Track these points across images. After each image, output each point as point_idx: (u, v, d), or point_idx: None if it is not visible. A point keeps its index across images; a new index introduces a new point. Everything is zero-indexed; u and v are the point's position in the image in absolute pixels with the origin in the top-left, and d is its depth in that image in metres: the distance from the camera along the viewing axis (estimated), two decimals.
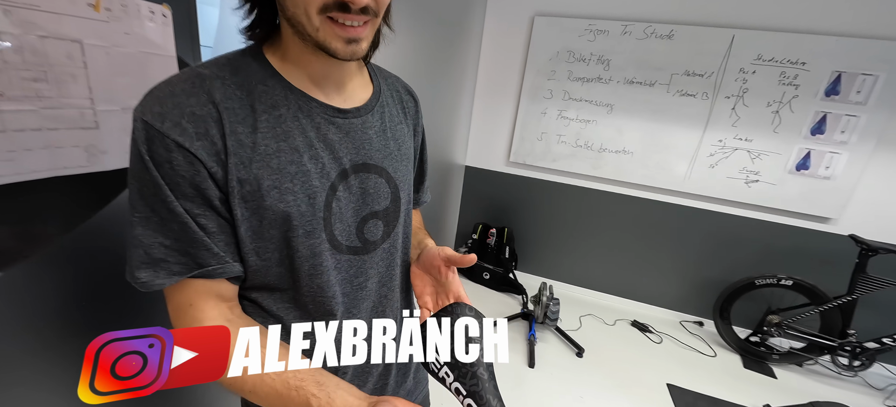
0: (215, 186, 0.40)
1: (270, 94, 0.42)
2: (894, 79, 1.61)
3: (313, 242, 0.45)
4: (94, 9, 0.57)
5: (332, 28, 0.38)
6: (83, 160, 0.59)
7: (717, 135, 1.87)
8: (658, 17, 1.82)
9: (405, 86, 0.60)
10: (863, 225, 1.80)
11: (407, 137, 0.56)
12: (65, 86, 0.56)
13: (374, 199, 0.50)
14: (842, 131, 1.72)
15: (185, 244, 0.40)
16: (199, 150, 0.38)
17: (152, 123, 0.37)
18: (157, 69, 0.65)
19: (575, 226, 2.25)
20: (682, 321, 2.16)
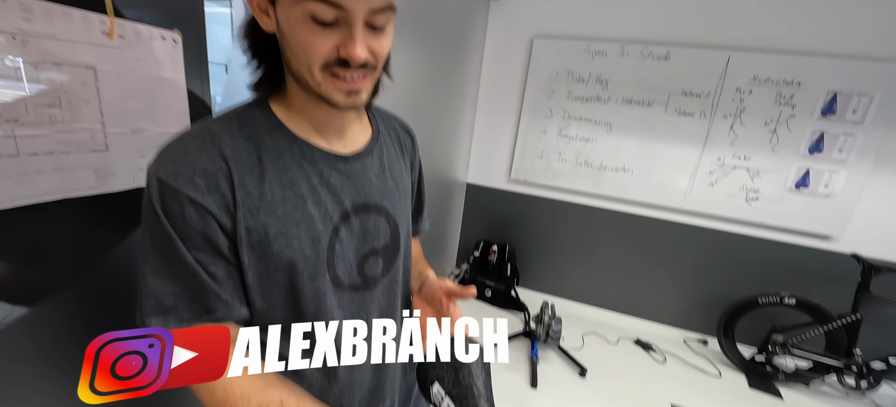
0: (224, 236, 0.43)
1: (276, 145, 0.45)
2: (889, 98, 1.64)
3: (317, 283, 0.47)
4: (108, 36, 0.59)
5: (334, 82, 0.41)
6: (93, 182, 0.60)
7: (716, 153, 1.89)
8: (654, 39, 1.86)
9: (402, 124, 0.64)
10: (864, 243, 1.80)
11: (404, 174, 0.59)
12: (78, 110, 0.58)
13: (373, 237, 0.52)
14: (839, 150, 1.73)
15: (194, 292, 0.42)
16: (210, 204, 0.41)
17: (166, 180, 0.40)
18: (167, 93, 0.68)
19: (576, 242, 2.25)
20: (685, 339, 2.13)
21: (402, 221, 0.56)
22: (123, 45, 0.61)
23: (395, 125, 0.63)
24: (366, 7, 0.39)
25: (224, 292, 0.43)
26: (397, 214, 0.55)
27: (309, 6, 0.38)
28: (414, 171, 0.65)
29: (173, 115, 0.69)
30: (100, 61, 0.59)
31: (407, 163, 0.62)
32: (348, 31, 0.39)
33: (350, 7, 0.38)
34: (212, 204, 0.41)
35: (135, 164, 0.65)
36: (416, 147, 0.65)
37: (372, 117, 0.58)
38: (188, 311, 0.42)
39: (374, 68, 0.43)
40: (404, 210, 0.57)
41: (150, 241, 0.42)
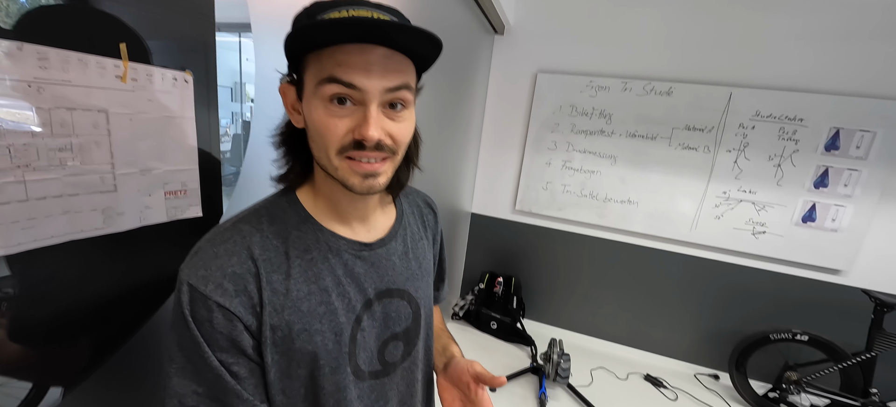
0: (249, 336, 0.43)
1: (303, 239, 0.47)
2: (891, 135, 1.66)
3: (338, 377, 0.47)
4: (121, 80, 0.59)
5: (350, 165, 0.42)
6: (99, 222, 0.59)
7: (721, 187, 1.90)
8: (657, 76, 1.90)
9: (425, 199, 0.65)
10: (874, 277, 1.78)
11: (427, 251, 0.60)
12: (89, 154, 0.57)
13: (395, 321, 0.53)
14: (845, 185, 1.74)
15: (217, 391, 0.43)
16: (238, 307, 0.42)
17: (196, 286, 0.41)
18: (176, 131, 0.67)
19: (583, 274, 2.22)
20: (696, 374, 2.07)
21: (424, 301, 0.57)
22: (136, 87, 0.61)
23: (418, 201, 0.64)
24: (380, 86, 0.39)
25: (246, 390, 0.44)
26: (419, 295, 0.56)
27: (326, 89, 0.39)
28: (435, 245, 0.65)
29: (182, 152, 0.69)
30: (112, 104, 0.59)
31: (429, 238, 0.62)
32: (363, 112, 0.40)
33: (363, 86, 0.39)
34: (238, 307, 0.42)
35: (142, 203, 0.64)
36: (437, 221, 0.66)
37: (397, 199, 0.59)
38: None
39: (393, 152, 0.44)
40: (426, 289, 0.58)
41: (177, 342, 0.43)
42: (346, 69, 0.38)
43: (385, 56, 0.39)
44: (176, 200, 0.68)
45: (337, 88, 0.39)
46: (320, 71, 0.39)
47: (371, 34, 0.38)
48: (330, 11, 0.39)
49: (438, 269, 0.69)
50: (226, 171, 0.74)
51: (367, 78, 0.38)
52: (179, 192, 0.68)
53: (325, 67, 0.39)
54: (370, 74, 0.39)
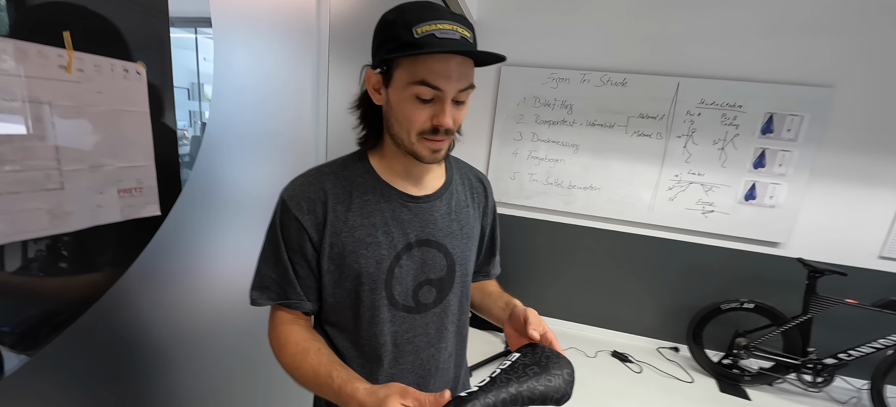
0: (312, 247, 0.58)
1: (364, 184, 0.59)
2: (817, 118, 1.84)
3: (375, 297, 0.58)
4: (65, 70, 0.57)
5: (425, 143, 0.54)
6: (45, 223, 0.56)
7: (674, 170, 2.03)
8: (612, 67, 2.01)
9: (477, 174, 0.73)
10: (808, 247, 1.97)
11: (472, 219, 0.68)
12: (31, 149, 0.54)
13: (430, 268, 0.62)
14: (780, 165, 1.91)
15: (282, 280, 0.58)
16: (307, 222, 0.56)
17: (286, 200, 0.57)
18: (130, 124, 0.65)
19: (552, 260, 2.31)
20: (659, 348, 2.21)
21: (460, 260, 0.64)
22: (83, 78, 0.59)
23: (470, 175, 0.71)
24: (456, 88, 0.51)
25: (301, 287, 0.59)
26: (456, 252, 0.63)
27: (416, 89, 0.51)
28: (486, 217, 0.72)
29: (137, 147, 0.66)
30: (56, 96, 0.56)
31: (477, 209, 0.70)
32: (440, 105, 0.52)
33: (445, 88, 0.50)
34: (307, 222, 0.56)
35: (93, 202, 0.61)
36: (489, 194, 0.73)
37: (448, 166, 0.67)
38: (275, 294, 0.59)
39: (452, 133, 0.56)
40: (465, 250, 0.65)
41: (268, 237, 0.59)
42: (436, 76, 0.50)
43: (460, 64, 0.51)
44: (131, 199, 0.66)
45: (427, 91, 0.50)
46: (414, 74, 0.50)
47: (455, 53, 0.49)
48: (422, 24, 0.48)
49: (490, 243, 0.76)
50: (184, 176, 0.73)
51: (447, 82, 0.50)
52: (135, 190, 0.66)
53: (419, 73, 0.50)
54: (450, 79, 0.50)
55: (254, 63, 0.82)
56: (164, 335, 0.75)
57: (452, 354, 0.68)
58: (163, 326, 0.74)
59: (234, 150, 0.81)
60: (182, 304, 0.77)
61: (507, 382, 0.47)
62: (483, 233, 0.72)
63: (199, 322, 0.81)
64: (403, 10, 0.50)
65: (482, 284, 0.76)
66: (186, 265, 0.76)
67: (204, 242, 0.79)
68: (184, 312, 0.77)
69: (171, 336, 0.76)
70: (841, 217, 1.92)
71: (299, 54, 0.92)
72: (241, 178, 0.83)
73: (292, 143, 0.95)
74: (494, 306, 0.70)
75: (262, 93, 0.84)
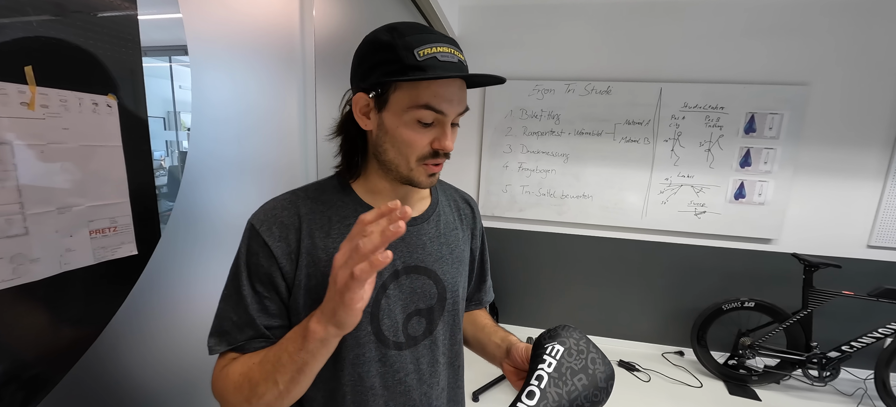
0: (283, 280, 0.52)
1: (344, 209, 0.55)
2: (795, 116, 1.89)
3: (359, 333, 0.52)
4: (28, 107, 0.53)
5: (424, 168, 0.52)
6: (8, 273, 0.51)
7: (663, 174, 2.05)
8: (595, 76, 2.04)
9: (463, 195, 0.70)
10: (801, 242, 1.99)
11: (461, 242, 0.64)
12: None
13: (420, 297, 0.57)
14: (765, 162, 1.95)
15: (243, 320, 0.51)
16: (278, 250, 0.51)
17: (255, 225, 0.52)
18: (102, 160, 0.61)
19: (550, 272, 2.28)
20: (664, 353, 2.17)
21: (451, 286, 0.60)
22: (47, 114, 0.55)
23: (456, 196, 0.69)
24: (457, 111, 0.51)
25: (265, 326, 0.51)
26: (447, 278, 0.59)
27: (417, 113, 0.49)
28: (475, 239, 0.69)
29: (110, 184, 0.62)
30: (18, 135, 0.52)
31: (466, 231, 0.66)
32: (442, 129, 0.51)
33: (448, 112, 0.50)
34: (279, 250, 0.51)
35: (62, 246, 0.56)
36: (476, 216, 0.70)
37: (433, 189, 0.65)
38: (234, 338, 0.51)
39: (448, 156, 0.54)
40: (455, 276, 0.61)
41: (232, 271, 0.53)
42: (439, 100, 0.49)
43: (460, 88, 0.51)
44: (104, 239, 0.61)
45: (429, 115, 0.49)
46: (416, 98, 0.48)
47: (459, 76, 0.49)
48: (423, 46, 0.47)
49: (480, 268, 0.72)
50: (163, 208, 0.69)
51: (450, 106, 0.50)
52: (108, 230, 0.61)
53: (422, 97, 0.48)
54: (452, 103, 0.50)
55: (235, 89, 0.78)
56: (156, 382, 0.68)
57: (445, 389, 0.63)
58: (154, 373, 0.68)
59: (219, 179, 0.77)
60: (172, 346, 0.71)
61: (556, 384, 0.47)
62: (472, 256, 0.68)
63: (194, 365, 0.74)
64: (400, 31, 0.49)
65: (473, 315, 0.71)
66: (173, 304, 0.70)
67: (190, 279, 0.73)
68: (174, 356, 0.71)
69: (163, 383, 0.69)
70: (828, 210, 1.96)
71: (284, 78, 0.89)
72: (226, 209, 0.78)
73: (280, 168, 0.91)
74: (489, 343, 0.66)
75: (245, 119, 0.81)
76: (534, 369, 0.48)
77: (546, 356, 0.49)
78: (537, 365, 0.48)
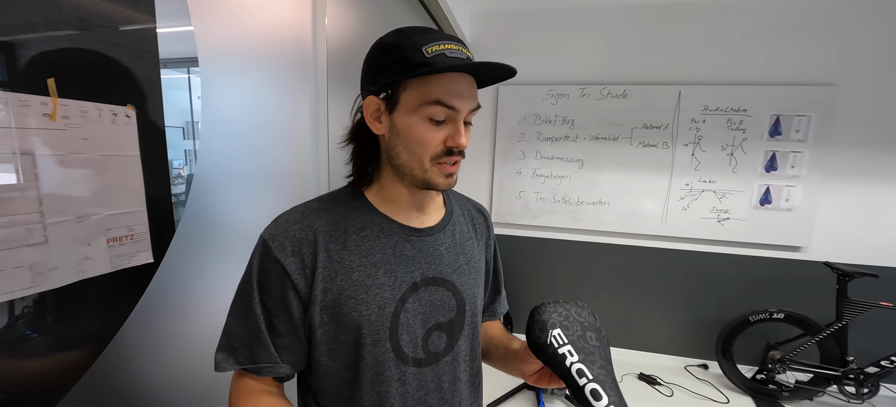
0: (297, 299, 0.51)
1: (360, 219, 0.54)
2: (824, 118, 1.81)
3: (378, 350, 0.51)
4: (50, 118, 0.54)
5: (439, 168, 0.51)
6: (27, 281, 0.52)
7: (683, 179, 1.98)
8: (610, 80, 2.00)
9: (476, 205, 0.69)
10: (832, 249, 1.89)
11: (476, 252, 0.63)
12: (9, 203, 0.51)
13: (440, 310, 0.56)
14: (792, 166, 1.87)
15: (251, 339, 0.50)
16: (291, 266, 0.50)
17: (267, 240, 0.51)
18: (119, 170, 0.61)
19: (565, 280, 2.22)
20: (687, 367, 2.08)
21: (469, 298, 0.59)
22: (68, 125, 0.56)
23: (469, 206, 0.68)
24: (469, 107, 0.51)
25: (275, 346, 0.51)
26: (465, 290, 0.58)
27: (429, 110, 0.48)
28: (488, 250, 0.68)
29: (127, 193, 0.63)
30: (39, 146, 0.53)
31: (480, 241, 0.65)
32: (454, 126, 0.50)
33: (460, 107, 0.49)
34: (292, 267, 0.50)
35: (80, 254, 0.57)
36: (489, 226, 0.69)
37: (446, 198, 0.64)
38: (244, 356, 0.51)
39: (463, 155, 0.53)
40: (473, 288, 0.60)
41: (241, 285, 0.52)
42: (450, 95, 0.48)
43: (470, 84, 0.51)
44: (121, 247, 0.61)
45: (442, 111, 0.48)
46: (426, 95, 0.48)
47: (469, 70, 0.49)
48: (430, 44, 0.47)
49: (494, 279, 0.71)
50: (179, 216, 0.69)
51: (462, 101, 0.49)
52: (125, 238, 0.62)
53: (433, 93, 0.48)
54: (463, 99, 0.50)
55: (247, 99, 0.78)
56: (165, 387, 0.68)
57: (467, 402, 0.61)
58: (166, 381, 0.68)
59: (229, 188, 0.77)
60: (181, 353, 0.70)
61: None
62: (487, 266, 0.68)
63: (201, 371, 0.74)
64: (407, 32, 0.49)
65: (486, 326, 0.70)
66: (181, 310, 0.70)
67: (199, 285, 0.73)
68: (182, 363, 0.71)
69: (171, 387, 0.69)
70: (861, 216, 1.86)
71: (296, 86, 0.89)
72: (237, 216, 0.78)
73: (292, 176, 0.90)
74: (496, 351, 0.65)
75: (257, 128, 0.81)
76: (565, 370, 0.46)
77: (560, 349, 0.47)
78: (564, 363, 0.46)
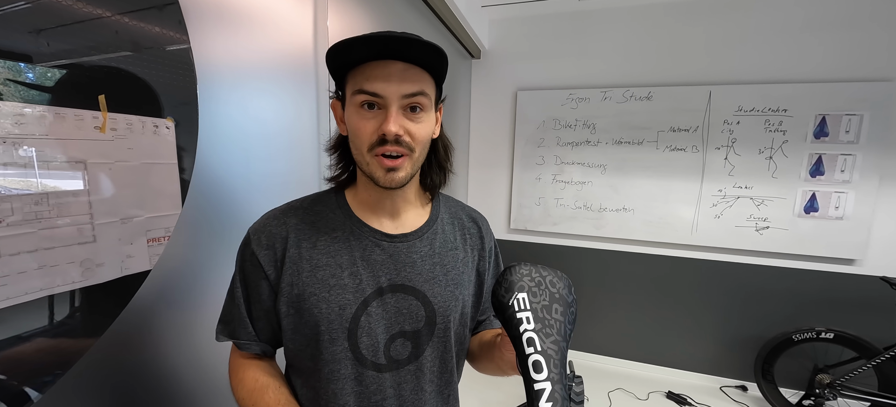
0: (268, 287, 0.54)
1: (334, 220, 0.56)
2: (878, 117, 1.64)
3: (335, 348, 0.52)
4: (100, 131, 0.61)
5: (378, 161, 0.50)
6: (77, 276, 0.58)
7: (716, 185, 1.87)
8: (634, 82, 1.94)
9: (470, 213, 0.66)
10: (892, 264, 1.69)
11: (460, 263, 0.60)
12: (65, 206, 0.58)
13: (406, 318, 0.54)
14: (842, 170, 1.70)
15: (236, 318, 0.56)
16: (263, 258, 0.53)
17: (250, 234, 0.55)
18: (159, 177, 0.68)
19: (588, 289, 2.15)
20: (722, 387, 1.94)
21: (441, 310, 0.56)
22: (116, 136, 0.63)
23: (462, 214, 0.65)
24: (398, 92, 0.48)
25: (253, 327, 0.56)
26: (437, 301, 0.55)
27: (357, 98, 0.49)
28: (483, 261, 0.64)
29: (165, 198, 0.69)
30: (90, 155, 0.60)
31: (470, 252, 0.62)
32: (385, 113, 0.49)
33: (383, 93, 0.48)
34: (264, 259, 0.53)
35: (124, 252, 0.64)
36: (485, 235, 0.65)
37: (436, 204, 0.62)
38: (231, 330, 0.57)
39: (411, 149, 0.51)
40: (448, 299, 0.56)
41: (233, 274, 0.57)
42: (371, 81, 0.48)
43: (403, 69, 0.48)
44: (159, 247, 0.67)
45: (364, 97, 0.48)
46: (354, 84, 0.49)
47: (386, 51, 0.47)
48: (361, 42, 0.47)
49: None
50: None
51: (386, 86, 0.48)
52: (163, 239, 0.68)
53: (357, 82, 0.49)
54: (389, 83, 0.48)
55: (247, 107, 0.82)
56: (168, 369, 0.74)
57: None
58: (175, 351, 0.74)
59: (231, 201, 0.80)
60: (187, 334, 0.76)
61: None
62: (481, 279, 0.63)
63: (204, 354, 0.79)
64: (353, 38, 0.49)
65: (483, 333, 0.66)
66: (181, 300, 0.75)
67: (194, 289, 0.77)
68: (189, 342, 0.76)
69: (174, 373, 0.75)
70: None
71: (297, 92, 0.93)
72: (239, 224, 0.80)
73: (295, 183, 0.94)
74: (486, 349, 0.61)
75: (259, 136, 0.84)
76: (518, 335, 0.44)
77: (519, 313, 0.45)
78: (518, 328, 0.44)
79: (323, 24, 0.96)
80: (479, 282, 0.63)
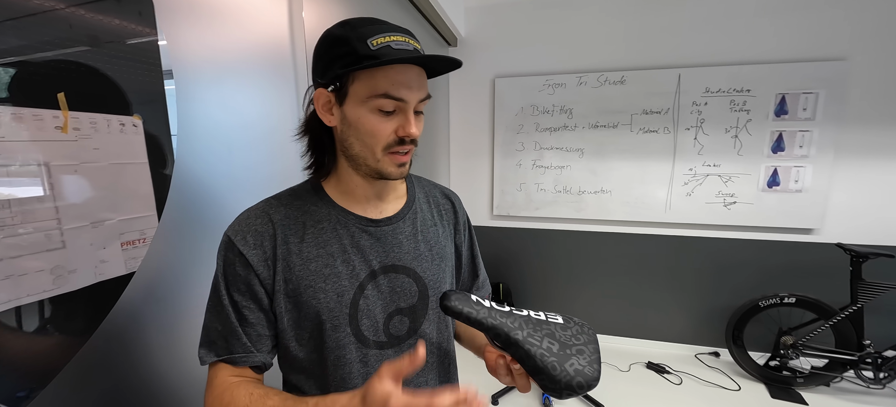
0: (262, 286, 0.53)
1: (317, 213, 0.56)
2: (833, 94, 1.75)
3: (339, 335, 0.54)
4: (61, 131, 0.58)
5: (391, 158, 0.52)
6: (49, 284, 0.56)
7: (687, 164, 1.95)
8: (608, 67, 1.98)
9: (443, 191, 0.70)
10: (846, 231, 1.83)
11: (441, 238, 0.64)
12: (29, 212, 0.55)
13: (401, 296, 0.57)
14: (800, 146, 1.81)
15: (226, 331, 0.53)
16: (253, 257, 0.52)
17: (231, 236, 0.53)
18: (130, 177, 0.66)
19: (570, 271, 2.22)
20: (697, 355, 2.05)
21: (433, 284, 0.60)
22: (79, 137, 0.60)
23: (436, 192, 0.68)
24: (417, 97, 0.52)
25: (248, 336, 0.53)
26: (428, 276, 0.59)
27: (377, 102, 0.50)
28: (459, 234, 0.68)
29: (138, 199, 0.66)
30: (53, 157, 0.57)
31: (447, 227, 0.66)
32: (404, 116, 0.51)
33: (408, 98, 0.51)
34: (254, 258, 0.52)
35: (97, 257, 0.61)
36: (458, 210, 0.69)
37: (410, 185, 0.65)
38: (221, 348, 0.53)
39: (415, 144, 0.55)
40: (436, 273, 0.60)
41: (213, 283, 0.54)
42: (398, 87, 0.49)
43: (419, 75, 0.52)
44: (134, 250, 0.65)
45: (391, 103, 0.50)
46: (374, 87, 0.49)
47: (415, 61, 0.50)
48: (376, 36, 0.48)
49: (470, 262, 0.71)
50: None
51: (409, 92, 0.50)
52: (138, 242, 0.66)
53: (380, 85, 0.49)
54: (411, 90, 0.51)
55: (225, 103, 0.80)
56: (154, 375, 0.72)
57: (435, 381, 0.62)
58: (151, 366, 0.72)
59: (211, 196, 0.78)
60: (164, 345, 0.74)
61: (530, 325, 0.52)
62: (458, 252, 0.67)
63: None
64: (353, 25, 0.50)
65: None
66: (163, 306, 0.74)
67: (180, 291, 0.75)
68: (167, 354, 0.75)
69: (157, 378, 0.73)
70: (876, 195, 1.79)
71: (275, 85, 0.91)
72: (222, 222, 0.81)
73: (278, 174, 0.93)
74: (465, 333, 0.65)
75: (238, 133, 0.82)
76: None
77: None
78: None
79: (298, 16, 0.94)
80: (457, 254, 0.67)
